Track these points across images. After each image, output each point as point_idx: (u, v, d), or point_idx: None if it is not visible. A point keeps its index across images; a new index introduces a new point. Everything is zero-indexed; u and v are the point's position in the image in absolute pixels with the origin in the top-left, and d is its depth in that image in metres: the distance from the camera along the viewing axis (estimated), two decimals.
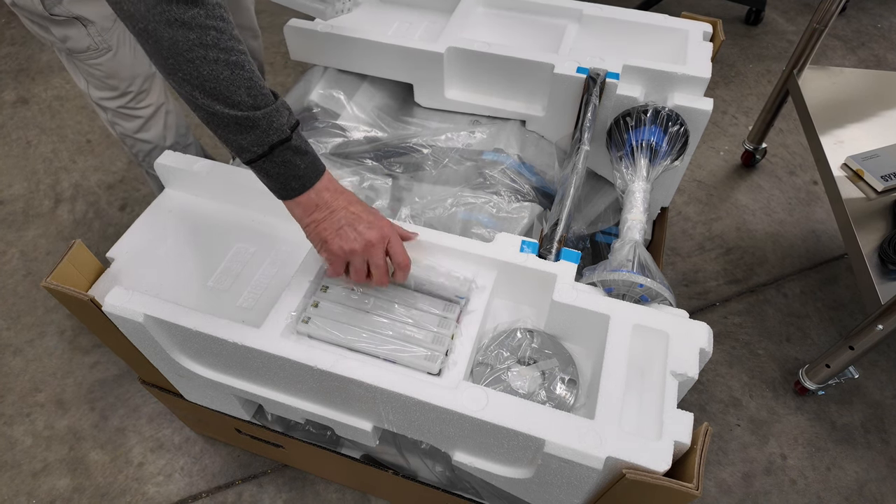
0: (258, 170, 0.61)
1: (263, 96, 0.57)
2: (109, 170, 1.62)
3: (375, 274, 0.67)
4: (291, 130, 0.60)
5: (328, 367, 0.64)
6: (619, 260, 0.71)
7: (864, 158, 1.12)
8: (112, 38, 0.87)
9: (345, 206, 0.65)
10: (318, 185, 0.63)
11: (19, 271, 1.40)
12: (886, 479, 1.09)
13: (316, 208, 0.64)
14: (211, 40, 0.53)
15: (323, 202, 0.64)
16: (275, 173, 0.61)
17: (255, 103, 0.56)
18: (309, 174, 0.62)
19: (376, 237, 0.65)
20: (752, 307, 1.33)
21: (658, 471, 0.56)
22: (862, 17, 2.12)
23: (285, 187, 0.62)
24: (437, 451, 0.75)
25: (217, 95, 0.55)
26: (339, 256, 0.65)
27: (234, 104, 0.56)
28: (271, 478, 1.09)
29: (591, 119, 0.86)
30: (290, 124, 0.60)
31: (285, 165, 0.60)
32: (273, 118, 0.58)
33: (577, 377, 0.70)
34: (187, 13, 0.52)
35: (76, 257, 0.72)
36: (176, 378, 0.85)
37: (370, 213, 0.66)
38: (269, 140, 0.58)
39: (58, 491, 1.08)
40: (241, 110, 0.56)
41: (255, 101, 0.57)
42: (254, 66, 0.57)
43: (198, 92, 0.55)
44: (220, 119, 0.57)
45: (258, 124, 0.57)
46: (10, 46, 2.01)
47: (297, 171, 0.61)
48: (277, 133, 0.58)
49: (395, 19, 1.11)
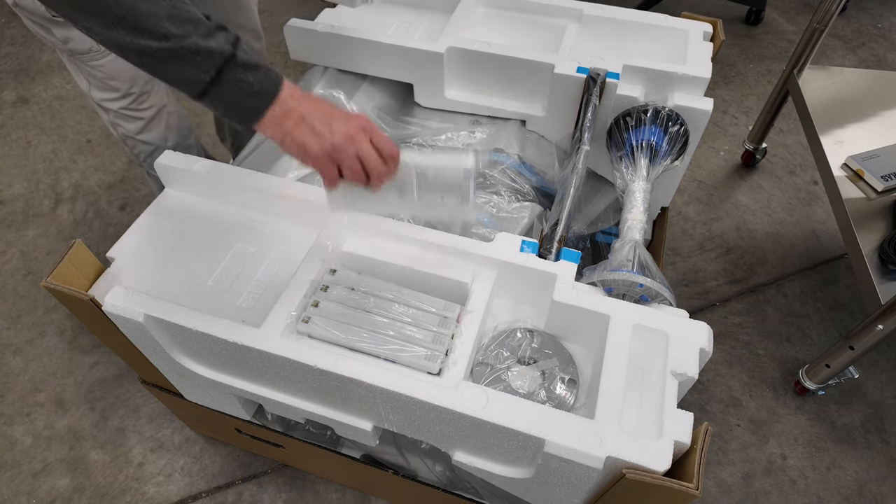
0: (212, 100, 0.57)
1: (192, 21, 0.54)
2: (109, 170, 1.62)
3: (370, 165, 0.61)
4: (233, 46, 0.56)
5: (328, 367, 0.64)
6: (620, 260, 0.71)
7: (864, 158, 1.12)
8: None
9: (313, 107, 0.60)
10: (280, 95, 0.59)
11: (19, 271, 1.40)
12: (886, 479, 1.09)
13: (285, 117, 0.60)
14: None
15: (290, 109, 0.59)
16: (230, 97, 0.57)
17: (184, 31, 0.53)
18: (266, 87, 0.58)
19: (355, 127, 0.61)
20: (752, 307, 1.33)
21: (658, 471, 0.56)
22: (862, 16, 2.12)
23: (246, 109, 0.59)
24: (437, 451, 0.75)
25: (141, 30, 0.52)
26: (324, 157, 0.61)
27: (161, 36, 0.53)
28: (271, 478, 1.09)
29: (592, 119, 0.86)
30: (231, 40, 0.56)
31: (238, 85, 0.56)
32: (209, 37, 0.54)
33: (577, 377, 0.70)
34: None
35: (76, 257, 0.72)
36: (176, 378, 0.85)
37: (342, 111, 0.62)
38: (214, 62, 0.55)
39: (58, 491, 1.08)
40: (169, 41, 0.53)
41: (184, 28, 0.53)
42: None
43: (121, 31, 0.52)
44: (153, 56, 0.54)
45: (195, 50, 0.54)
46: (10, 46, 2.01)
47: (252, 89, 0.57)
48: (220, 52, 0.55)
49: (395, 19, 1.11)
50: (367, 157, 0.61)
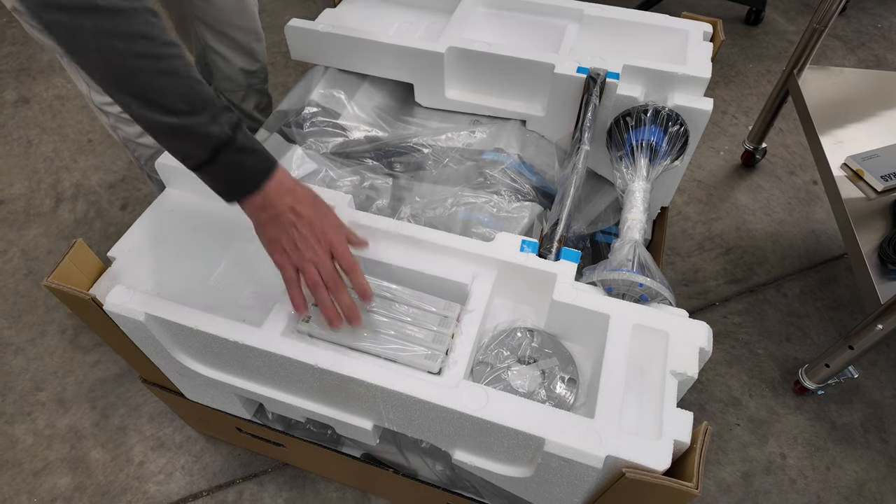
0: (204, 175, 0.59)
1: (202, 101, 0.56)
2: (110, 169, 1.62)
3: (327, 280, 0.64)
4: (234, 130, 0.58)
5: (328, 366, 0.64)
6: (619, 259, 0.72)
7: (863, 158, 1.12)
8: None
9: (290, 207, 0.62)
10: (266, 184, 0.60)
11: (20, 270, 1.40)
12: (886, 479, 1.09)
13: (263, 209, 0.62)
14: (140, 49, 0.52)
15: (269, 202, 0.61)
16: (221, 177, 0.59)
17: (192, 109, 0.55)
18: (258, 173, 0.60)
19: (313, 238, 0.62)
20: (751, 307, 1.33)
21: (658, 470, 0.56)
22: (862, 17, 2.12)
23: (234, 188, 0.60)
24: (438, 450, 0.75)
25: (151, 104, 0.54)
26: (283, 262, 0.64)
27: (170, 112, 0.54)
28: (272, 476, 1.10)
29: (592, 119, 0.87)
30: (232, 122, 0.58)
31: (231, 168, 0.59)
32: (213, 121, 0.56)
33: (576, 376, 0.71)
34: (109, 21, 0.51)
35: (77, 256, 0.72)
36: (177, 377, 0.85)
37: (317, 212, 0.64)
38: (213, 143, 0.57)
39: (59, 489, 1.09)
40: (177, 117, 0.55)
41: (193, 107, 0.55)
42: (189, 68, 0.56)
43: (131, 100, 0.54)
44: (158, 127, 0.56)
45: (197, 129, 0.56)
46: (11, 46, 2.01)
47: (244, 172, 0.59)
48: (219, 135, 0.57)
49: (395, 19, 1.11)
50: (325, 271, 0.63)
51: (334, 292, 0.64)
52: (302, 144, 0.92)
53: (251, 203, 0.62)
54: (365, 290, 0.65)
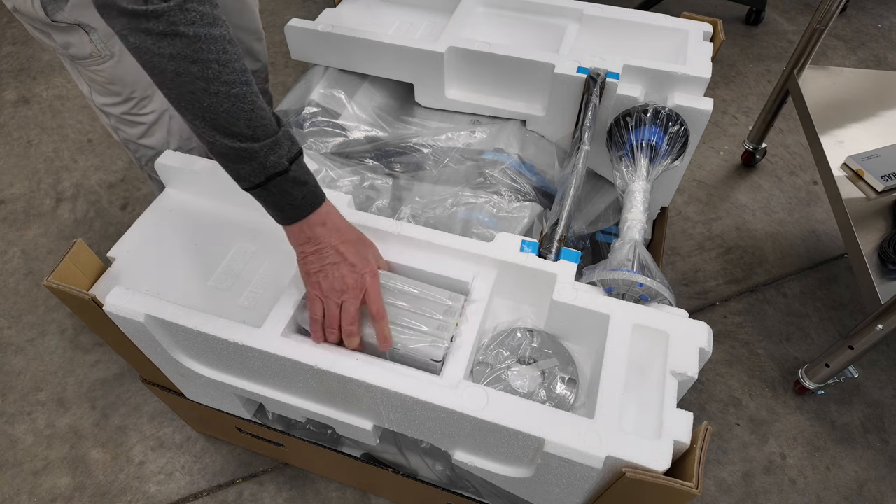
0: (255, 195, 0.62)
1: (264, 127, 0.57)
2: (110, 169, 1.62)
3: (344, 321, 0.65)
4: (290, 162, 0.60)
5: (328, 367, 0.64)
6: (619, 259, 0.72)
7: (864, 158, 1.12)
8: (115, 45, 0.87)
9: (334, 245, 0.64)
10: (312, 217, 0.63)
11: (20, 270, 1.40)
12: (886, 479, 1.09)
13: (307, 241, 0.64)
14: (213, 73, 0.54)
15: (314, 236, 0.64)
16: (271, 201, 0.62)
17: (254, 134, 0.57)
18: (305, 204, 0.63)
19: (352, 282, 0.64)
20: (751, 307, 1.33)
21: (658, 470, 0.56)
22: (862, 16, 2.12)
23: (281, 214, 0.63)
24: (438, 450, 0.75)
25: (217, 126, 0.56)
26: (315, 295, 0.65)
27: (233, 135, 0.56)
28: (272, 476, 1.10)
29: (592, 119, 0.86)
30: (290, 155, 0.60)
31: (282, 195, 0.61)
32: (272, 150, 0.58)
33: (576, 376, 0.70)
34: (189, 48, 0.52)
35: (77, 256, 0.72)
36: (177, 377, 0.85)
37: (358, 255, 0.66)
38: (267, 172, 0.59)
39: (59, 489, 1.09)
40: (240, 141, 0.56)
41: (255, 133, 0.57)
42: (256, 96, 0.57)
43: (198, 121, 0.56)
44: (219, 148, 0.57)
45: (256, 156, 0.57)
46: (11, 46, 2.01)
47: (293, 201, 0.62)
48: (275, 165, 0.59)
49: (395, 19, 1.11)
50: (346, 312, 0.65)
51: (346, 338, 0.66)
52: (302, 144, 0.92)
53: (296, 233, 0.64)
54: (386, 340, 0.66)
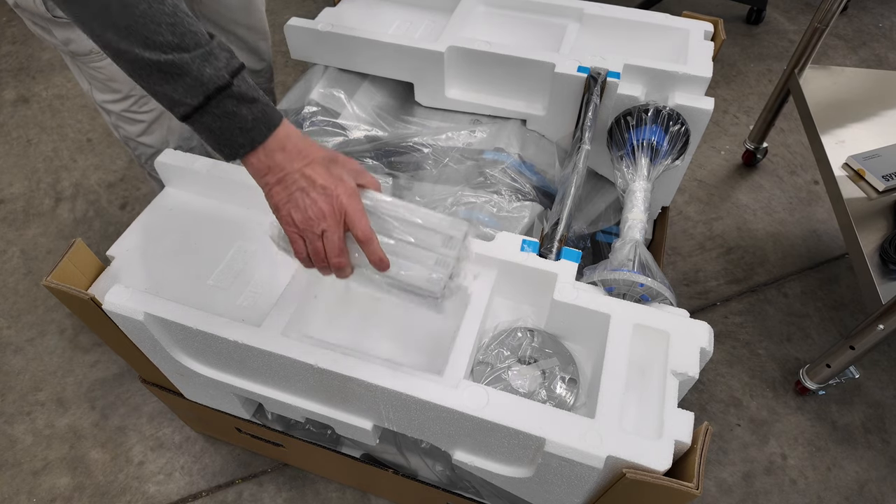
0: (196, 126, 0.52)
1: (192, 34, 0.49)
2: (110, 168, 1.62)
3: (329, 253, 0.57)
4: (232, 76, 0.51)
5: (328, 366, 0.64)
6: (620, 259, 0.71)
7: (865, 158, 1.12)
8: None
9: (299, 169, 0.55)
10: (269, 142, 0.53)
11: (20, 270, 1.40)
12: (887, 479, 1.09)
13: (268, 171, 0.55)
14: None
15: (275, 164, 0.54)
16: (217, 129, 0.52)
17: (181, 43, 0.48)
18: (258, 127, 0.53)
19: (328, 208, 0.55)
20: (752, 307, 1.33)
21: (658, 470, 0.56)
22: (863, 16, 2.12)
23: (231, 144, 0.53)
24: (438, 450, 0.75)
25: (135, 35, 0.47)
26: (292, 228, 0.57)
27: (156, 45, 0.47)
28: (271, 476, 1.09)
29: (592, 118, 0.86)
30: (231, 68, 0.51)
31: (228, 118, 0.51)
32: (206, 60, 0.49)
33: (577, 376, 0.70)
34: None
35: (76, 256, 0.72)
36: (176, 377, 0.85)
37: (330, 175, 0.56)
38: (205, 89, 0.49)
39: (58, 489, 1.08)
40: (164, 53, 0.48)
41: (183, 41, 0.48)
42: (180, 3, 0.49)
43: (111, 32, 0.47)
44: (141, 65, 0.48)
45: (189, 69, 0.48)
46: (10, 45, 2.01)
47: (243, 124, 0.52)
48: (214, 79, 0.49)
49: (395, 18, 1.10)
50: (329, 242, 0.57)
51: (336, 270, 0.59)
52: None
53: (253, 164, 0.55)
54: (382, 262, 0.58)
